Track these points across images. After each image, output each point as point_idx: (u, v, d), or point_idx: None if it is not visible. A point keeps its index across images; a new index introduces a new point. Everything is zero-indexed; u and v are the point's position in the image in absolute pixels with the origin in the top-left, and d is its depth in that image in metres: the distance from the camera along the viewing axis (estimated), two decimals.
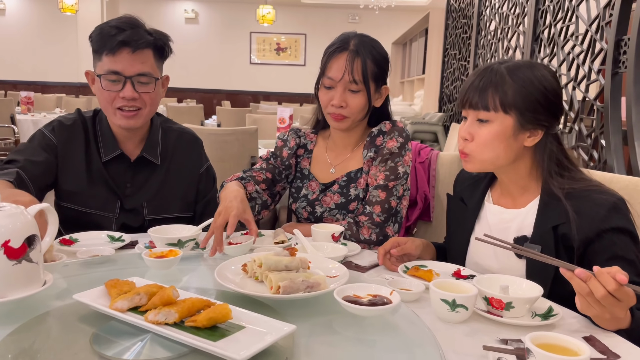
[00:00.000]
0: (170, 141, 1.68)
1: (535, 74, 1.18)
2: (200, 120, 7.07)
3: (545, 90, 1.18)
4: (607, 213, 1.10)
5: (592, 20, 2.40)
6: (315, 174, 1.69)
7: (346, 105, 1.54)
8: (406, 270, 1.21)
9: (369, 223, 1.52)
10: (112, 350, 0.80)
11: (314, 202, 1.64)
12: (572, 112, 2.59)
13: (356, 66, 1.52)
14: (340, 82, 1.53)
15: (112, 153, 1.57)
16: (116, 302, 0.87)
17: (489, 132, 1.19)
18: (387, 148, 1.57)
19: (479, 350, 0.87)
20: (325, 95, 1.58)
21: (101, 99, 1.52)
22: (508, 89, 1.17)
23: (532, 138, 1.20)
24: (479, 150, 1.21)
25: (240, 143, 3.09)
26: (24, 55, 11.16)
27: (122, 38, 1.45)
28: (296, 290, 0.97)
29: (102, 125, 1.60)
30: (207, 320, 0.83)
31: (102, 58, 1.48)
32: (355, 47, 1.53)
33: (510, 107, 1.17)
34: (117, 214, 1.58)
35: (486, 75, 1.20)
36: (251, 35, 11.61)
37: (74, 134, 1.58)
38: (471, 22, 4.71)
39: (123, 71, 1.47)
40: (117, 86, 1.49)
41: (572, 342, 0.79)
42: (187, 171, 1.68)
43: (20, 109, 6.45)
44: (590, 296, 0.90)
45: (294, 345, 0.84)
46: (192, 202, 1.70)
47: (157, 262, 1.13)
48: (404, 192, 1.59)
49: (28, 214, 0.95)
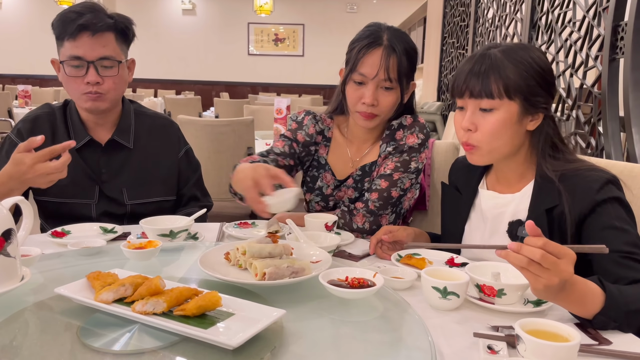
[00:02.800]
0: (144, 126, 1.67)
1: (531, 55, 1.16)
2: (198, 112, 7.06)
3: (543, 71, 1.16)
4: (600, 187, 1.09)
5: (590, 6, 2.38)
6: (333, 165, 1.64)
7: (377, 104, 1.48)
8: (399, 258, 1.21)
9: (363, 211, 1.51)
10: (99, 342, 0.79)
11: (327, 198, 1.62)
12: (569, 99, 2.57)
13: (392, 63, 1.45)
14: (373, 80, 1.46)
15: (82, 139, 1.56)
16: (101, 294, 0.86)
17: (495, 120, 1.14)
18: (407, 144, 1.53)
19: (469, 337, 0.86)
20: (355, 92, 1.50)
21: (67, 86, 1.52)
22: (510, 72, 1.13)
23: (534, 122, 1.18)
24: (486, 141, 1.17)
25: (237, 134, 3.07)
26: (21, 49, 11.11)
27: (81, 22, 1.44)
28: (281, 276, 0.98)
29: (72, 114, 1.60)
30: (196, 308, 0.83)
31: (63, 44, 1.48)
32: (390, 43, 1.46)
33: (515, 93, 1.13)
34: (96, 199, 1.58)
35: (484, 61, 1.15)
36: (249, 26, 11.54)
37: (38, 128, 1.57)
38: (469, 10, 4.67)
39: (85, 56, 1.46)
40: (80, 71, 1.48)
41: (562, 328, 0.79)
42: (164, 155, 1.68)
43: (18, 102, 6.44)
44: (532, 264, 0.82)
45: (283, 330, 0.84)
46: (174, 185, 1.69)
47: (136, 254, 1.13)
48: (411, 186, 1.56)
49: (3, 208, 0.93)
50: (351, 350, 0.83)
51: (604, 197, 1.08)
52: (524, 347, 0.76)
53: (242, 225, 1.51)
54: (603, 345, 0.86)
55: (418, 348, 0.82)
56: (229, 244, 1.16)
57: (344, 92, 1.56)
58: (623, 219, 1.07)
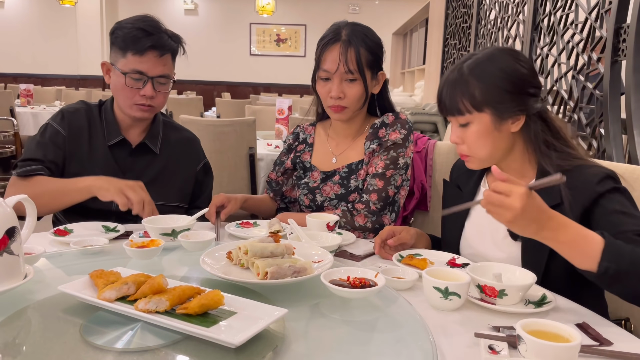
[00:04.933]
0: (171, 135, 1.77)
1: (497, 66, 1.18)
2: (200, 112, 7.05)
3: (510, 77, 1.18)
4: (599, 180, 1.12)
5: (592, 8, 2.38)
6: (317, 164, 1.71)
7: (344, 96, 1.55)
8: (400, 259, 1.21)
9: (365, 211, 1.53)
10: (102, 340, 0.80)
11: (314, 190, 1.66)
12: (571, 101, 2.57)
13: (350, 56, 1.52)
14: (336, 74, 1.54)
15: (115, 138, 1.65)
16: (104, 292, 0.86)
17: (472, 132, 1.21)
18: (390, 140, 1.59)
19: (470, 337, 0.86)
20: (322, 88, 1.59)
21: (120, 93, 1.60)
22: (474, 89, 1.18)
23: (515, 123, 1.21)
24: (473, 151, 1.23)
25: (239, 134, 3.07)
26: (23, 48, 11.13)
27: (151, 43, 1.55)
28: (283, 275, 0.98)
29: (107, 113, 1.68)
30: (199, 307, 0.83)
31: (126, 56, 1.56)
32: (347, 37, 1.54)
33: (481, 105, 1.18)
34: None
35: (452, 79, 1.21)
36: (251, 26, 11.55)
37: (79, 121, 1.66)
38: (471, 11, 4.68)
39: (147, 72, 1.57)
40: (138, 84, 1.58)
41: (563, 329, 0.79)
42: (184, 164, 1.76)
43: (20, 101, 6.45)
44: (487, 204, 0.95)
45: (285, 329, 0.84)
46: (189, 194, 1.77)
47: (138, 252, 1.13)
48: (402, 183, 1.60)
49: (7, 206, 0.94)
50: (353, 349, 0.83)
51: (605, 189, 1.11)
52: (525, 347, 0.76)
53: (243, 225, 1.51)
54: (604, 345, 0.86)
55: (420, 348, 0.82)
56: (231, 243, 1.16)
57: (316, 90, 1.64)
58: (628, 206, 1.10)
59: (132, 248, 1.13)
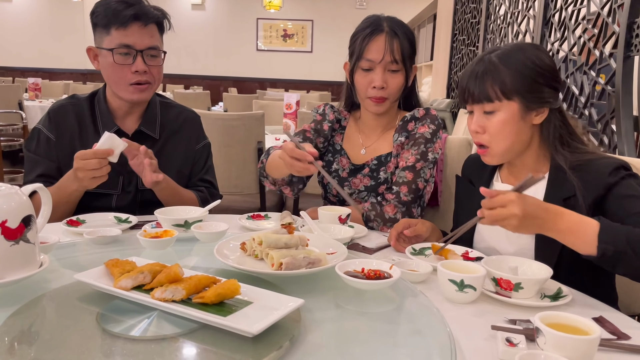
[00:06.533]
0: (170, 117, 1.70)
1: (526, 55, 1.20)
2: (207, 107, 7.06)
3: (540, 68, 1.19)
4: (613, 170, 1.13)
5: (604, 3, 2.36)
6: (347, 150, 1.70)
7: (387, 86, 1.56)
8: (414, 252, 1.21)
9: (395, 201, 1.53)
10: (118, 327, 0.80)
11: (343, 183, 1.66)
12: (582, 97, 2.55)
13: (396, 46, 1.54)
14: (380, 64, 1.55)
15: (110, 130, 1.56)
16: (120, 281, 0.86)
17: (498, 121, 1.20)
18: (419, 133, 1.59)
19: (487, 330, 0.86)
20: (364, 79, 1.58)
21: (112, 74, 1.54)
22: (505, 76, 1.18)
23: (539, 116, 1.22)
24: (495, 141, 1.22)
25: (247, 128, 3.07)
26: (31, 43, 11.15)
27: (133, 12, 1.48)
28: (298, 266, 0.98)
29: (100, 104, 1.62)
30: (215, 296, 0.83)
31: (110, 32, 1.50)
32: (390, 28, 1.56)
33: (511, 93, 1.18)
34: (119, 190, 1.60)
35: (480, 68, 1.21)
36: (258, 21, 11.52)
37: (66, 119, 1.60)
38: (480, 6, 4.65)
39: (134, 44, 1.50)
40: (127, 59, 1.51)
41: (582, 322, 0.78)
42: (184, 145, 1.70)
43: (28, 95, 6.47)
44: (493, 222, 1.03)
45: (301, 320, 0.84)
46: (186, 176, 1.71)
47: (152, 242, 1.13)
48: (430, 177, 1.60)
49: (23, 194, 0.94)
50: (369, 340, 0.83)
51: (617, 177, 1.12)
52: (543, 339, 0.76)
53: (255, 217, 1.51)
54: (622, 339, 0.86)
55: (437, 340, 0.82)
56: (245, 234, 1.16)
57: (352, 83, 1.63)
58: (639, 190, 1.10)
59: (146, 238, 1.13)
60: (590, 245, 0.99)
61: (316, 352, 0.78)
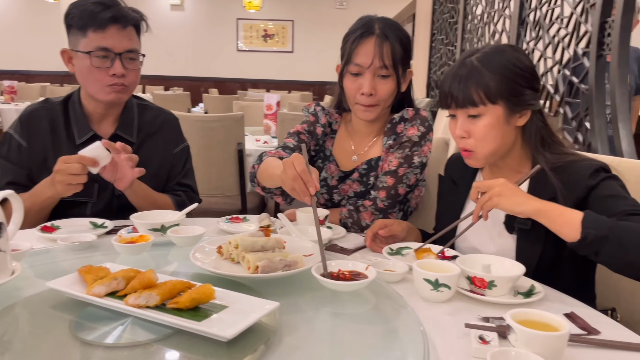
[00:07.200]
0: (147, 119, 1.66)
1: (507, 58, 1.20)
2: (187, 108, 7.00)
3: (521, 70, 1.20)
4: (593, 172, 1.14)
5: (577, 3, 2.40)
6: (337, 157, 1.64)
7: (375, 93, 1.49)
8: (391, 252, 1.21)
9: (372, 208, 1.50)
10: (92, 335, 0.79)
11: (332, 190, 1.61)
12: (557, 96, 2.60)
13: (386, 51, 1.46)
14: (369, 69, 1.47)
15: (85, 135, 1.55)
16: (93, 288, 0.86)
17: (484, 125, 1.19)
18: (406, 136, 1.52)
19: (461, 328, 0.87)
20: (352, 84, 1.50)
21: (88, 77, 1.50)
22: (489, 80, 1.18)
23: (522, 118, 1.23)
24: (480, 145, 1.22)
25: (226, 130, 3.06)
26: (6, 44, 10.94)
27: (111, 14, 1.45)
28: (274, 269, 0.98)
29: (74, 107, 1.58)
30: (189, 301, 0.83)
31: (87, 34, 1.46)
32: (382, 31, 1.47)
33: (496, 97, 1.18)
34: (94, 197, 1.56)
35: (462, 72, 1.20)
36: (238, 22, 11.48)
37: (38, 124, 1.55)
38: (458, 6, 4.70)
39: (113, 47, 1.47)
40: (105, 63, 1.48)
41: (552, 318, 0.80)
42: (161, 148, 1.66)
43: (4, 98, 6.36)
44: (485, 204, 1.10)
45: (277, 322, 0.85)
46: (163, 180, 1.67)
47: (127, 248, 1.12)
48: (417, 182, 1.55)
49: None
50: (345, 341, 0.84)
51: (598, 179, 1.13)
52: (515, 337, 0.77)
53: (233, 220, 1.50)
54: (592, 334, 0.88)
55: (411, 339, 0.83)
56: (221, 238, 1.16)
57: (342, 87, 1.56)
58: (619, 190, 1.13)
59: (121, 244, 1.12)
60: (574, 229, 1.00)
61: (291, 354, 0.79)
